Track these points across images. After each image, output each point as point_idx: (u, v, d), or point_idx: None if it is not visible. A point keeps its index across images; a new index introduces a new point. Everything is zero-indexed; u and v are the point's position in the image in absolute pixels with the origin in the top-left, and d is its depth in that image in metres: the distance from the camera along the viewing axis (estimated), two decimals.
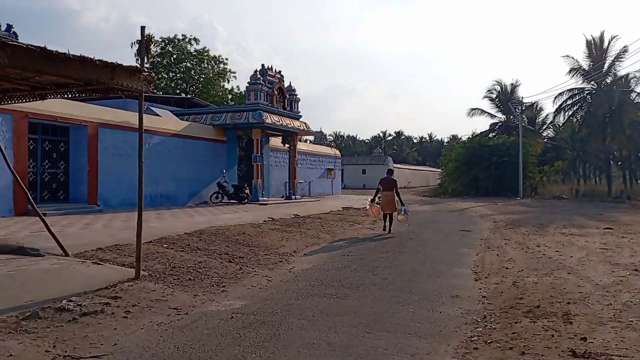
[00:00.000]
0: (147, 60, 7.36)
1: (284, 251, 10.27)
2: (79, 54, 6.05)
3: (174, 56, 46.50)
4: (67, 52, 5.98)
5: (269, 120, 21.56)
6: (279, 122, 22.58)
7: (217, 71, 47.97)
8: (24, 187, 8.57)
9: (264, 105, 21.96)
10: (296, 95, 24.84)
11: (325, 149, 35.07)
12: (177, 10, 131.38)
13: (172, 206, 18.41)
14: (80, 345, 4.74)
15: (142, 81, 7.18)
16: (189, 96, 34.42)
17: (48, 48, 5.68)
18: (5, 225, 10.92)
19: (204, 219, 13.68)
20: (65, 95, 8.16)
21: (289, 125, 23.42)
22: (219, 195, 20.81)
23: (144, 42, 7.20)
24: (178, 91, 45.30)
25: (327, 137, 44.87)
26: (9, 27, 20.46)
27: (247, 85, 22.56)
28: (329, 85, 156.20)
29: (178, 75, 47.16)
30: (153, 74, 7.26)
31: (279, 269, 8.67)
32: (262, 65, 22.82)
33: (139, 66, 7.09)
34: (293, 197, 24.36)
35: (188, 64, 46.98)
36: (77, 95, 8.16)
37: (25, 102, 8.53)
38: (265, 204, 20.40)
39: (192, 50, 46.87)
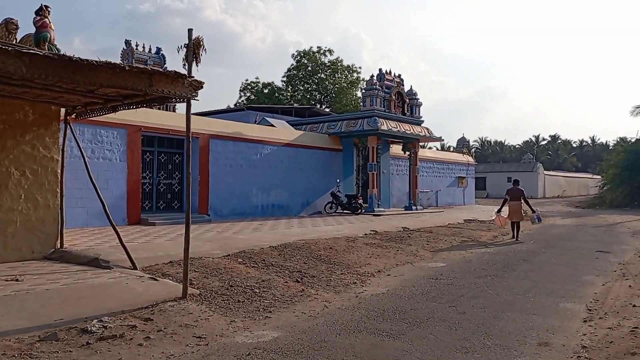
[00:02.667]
0: (197, 65, 6.91)
1: (366, 270, 9.21)
2: (106, 60, 5.77)
3: (309, 68, 47.69)
4: (95, 59, 5.73)
5: (384, 127, 20.42)
6: (396, 128, 21.31)
7: (350, 80, 48.09)
8: (102, 198, 8.70)
9: (379, 111, 20.91)
10: (417, 99, 23.34)
11: (456, 155, 32.82)
12: (326, 25, 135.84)
13: (282, 216, 18.23)
14: None
15: (186, 87, 6.78)
16: (308, 106, 34.66)
17: (68, 55, 5.46)
18: (106, 234, 11.39)
19: (299, 231, 13.12)
20: (131, 107, 8.16)
21: (408, 132, 22.02)
22: (333, 205, 20.24)
23: (192, 46, 6.76)
24: (313, 102, 46.24)
25: (471, 143, 42.12)
26: (158, 49, 22.13)
27: (363, 91, 21.71)
28: (478, 89, 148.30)
29: (312, 86, 48.25)
30: (199, 80, 6.80)
31: (346, 292, 7.67)
32: (380, 69, 21.85)
33: (182, 72, 6.70)
34: (414, 207, 22.86)
35: (322, 75, 47.78)
36: (140, 105, 8.11)
37: (102, 114, 8.74)
38: (379, 215, 19.33)
39: (325, 61, 47.65)
